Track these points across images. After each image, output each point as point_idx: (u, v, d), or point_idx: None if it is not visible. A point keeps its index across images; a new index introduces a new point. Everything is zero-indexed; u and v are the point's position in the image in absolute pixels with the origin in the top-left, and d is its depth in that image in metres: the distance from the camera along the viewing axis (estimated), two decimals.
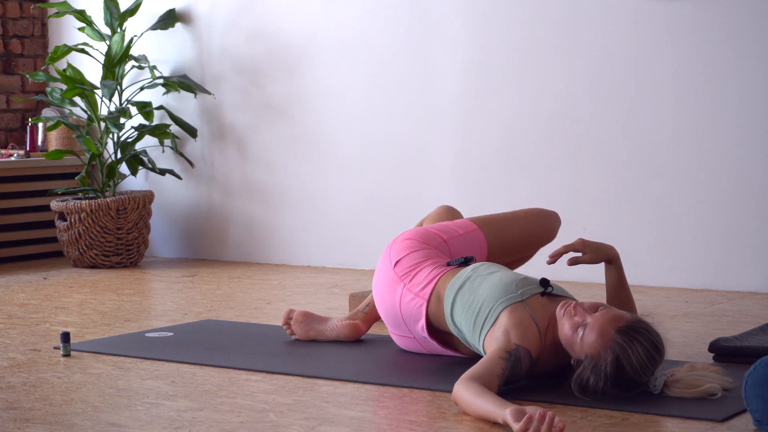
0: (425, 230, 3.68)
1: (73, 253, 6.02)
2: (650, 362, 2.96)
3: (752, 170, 4.89)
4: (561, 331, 3.10)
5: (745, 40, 4.87)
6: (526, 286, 3.24)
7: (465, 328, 3.31)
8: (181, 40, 6.34)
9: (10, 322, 4.41)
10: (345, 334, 3.85)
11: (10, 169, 6.26)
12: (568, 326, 3.07)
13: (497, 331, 3.13)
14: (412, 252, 3.57)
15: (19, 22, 6.73)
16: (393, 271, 3.55)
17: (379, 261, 3.68)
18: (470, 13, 5.48)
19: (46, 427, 2.85)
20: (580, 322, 3.05)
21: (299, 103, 6.01)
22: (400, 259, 3.56)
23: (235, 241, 6.29)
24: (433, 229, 3.68)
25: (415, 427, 2.80)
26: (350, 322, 3.86)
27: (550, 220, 3.81)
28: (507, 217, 3.78)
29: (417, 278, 3.50)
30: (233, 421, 2.88)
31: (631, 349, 2.94)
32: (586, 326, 3.02)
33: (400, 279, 3.53)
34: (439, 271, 3.49)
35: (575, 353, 3.06)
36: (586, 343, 3.01)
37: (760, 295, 4.81)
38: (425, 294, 3.45)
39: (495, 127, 5.46)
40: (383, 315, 3.62)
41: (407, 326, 3.54)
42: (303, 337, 3.88)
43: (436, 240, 3.64)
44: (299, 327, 3.88)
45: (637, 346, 2.95)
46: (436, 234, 3.66)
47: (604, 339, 2.97)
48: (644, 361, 2.95)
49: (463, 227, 3.71)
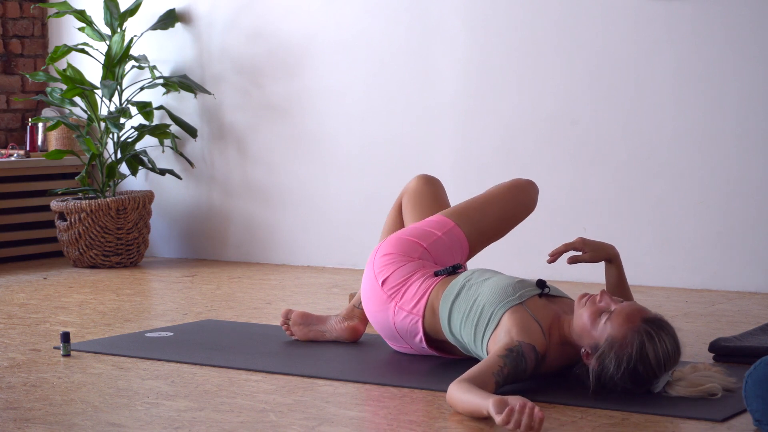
0: (403, 240, 3.59)
1: (73, 253, 6.02)
2: (672, 357, 2.96)
3: (752, 170, 4.89)
4: (577, 320, 3.06)
5: (745, 40, 4.87)
6: (523, 289, 3.23)
7: (466, 338, 3.29)
8: (181, 40, 6.34)
9: (10, 322, 4.41)
10: (344, 336, 3.84)
11: (10, 169, 6.26)
12: (588, 314, 3.04)
13: (500, 334, 3.12)
14: (398, 268, 3.51)
15: (19, 22, 6.73)
16: (381, 290, 3.51)
17: (364, 275, 3.63)
18: (470, 13, 5.48)
19: (46, 427, 2.85)
20: (605, 308, 3.03)
21: (299, 103, 6.02)
22: (387, 277, 3.51)
23: (235, 241, 6.29)
24: (412, 237, 3.59)
25: (415, 427, 2.80)
26: (349, 324, 3.84)
27: (527, 191, 3.73)
28: (481, 201, 3.69)
29: (407, 295, 3.47)
30: (233, 421, 2.88)
31: (659, 338, 2.95)
32: (611, 312, 3.01)
33: (390, 298, 3.50)
34: (429, 283, 3.45)
35: (591, 339, 3.02)
36: (612, 327, 2.98)
37: (760, 295, 4.81)
38: (419, 310, 3.43)
39: (495, 127, 5.46)
40: (378, 329, 3.60)
41: (404, 340, 3.53)
42: (303, 339, 3.88)
43: (417, 250, 3.57)
44: (298, 329, 3.88)
45: (664, 338, 2.95)
46: (416, 243, 3.58)
47: (632, 325, 2.96)
48: (668, 353, 2.95)
49: (440, 227, 3.63)
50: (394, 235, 3.65)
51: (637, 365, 2.94)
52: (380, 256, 3.57)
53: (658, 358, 2.94)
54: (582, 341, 3.05)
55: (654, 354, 2.93)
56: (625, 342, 2.94)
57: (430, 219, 3.67)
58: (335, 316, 3.89)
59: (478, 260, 4.54)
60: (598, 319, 3.02)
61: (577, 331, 3.07)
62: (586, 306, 3.07)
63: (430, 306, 3.41)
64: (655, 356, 2.94)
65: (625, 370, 2.94)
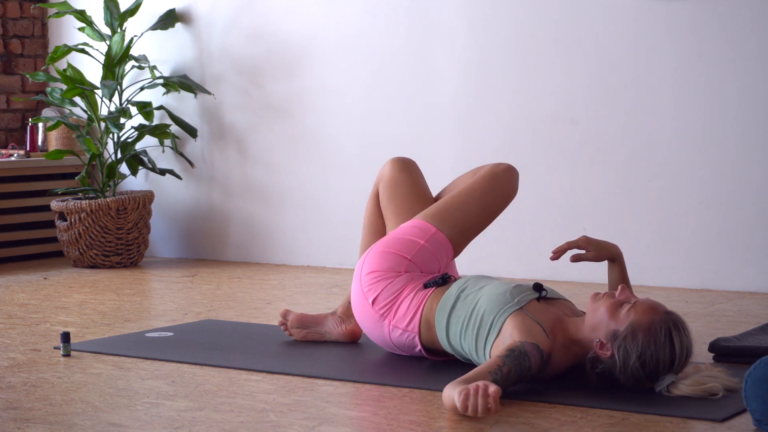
0: (387, 254, 3.51)
1: (73, 253, 6.02)
2: (690, 351, 3.00)
3: (752, 170, 4.89)
4: (592, 314, 3.06)
5: (745, 40, 4.87)
6: (521, 294, 3.21)
7: (467, 347, 3.27)
8: (181, 40, 6.34)
9: (10, 322, 4.41)
10: (343, 339, 3.83)
11: (10, 169, 6.26)
12: (607, 306, 3.04)
13: (502, 340, 3.12)
14: (386, 286, 3.47)
15: (19, 22, 6.73)
16: (372, 309, 3.49)
17: (352, 288, 3.58)
18: (470, 13, 5.48)
19: (46, 427, 2.85)
20: (625, 299, 3.05)
21: (299, 103, 6.02)
22: (376, 296, 3.48)
23: (235, 241, 6.29)
24: (394, 250, 3.51)
25: (415, 427, 2.80)
26: (347, 328, 3.81)
27: (506, 180, 3.63)
28: (461, 198, 3.58)
29: (400, 312, 3.44)
30: (233, 421, 2.88)
31: (684, 329, 2.99)
32: (633, 303, 3.02)
33: (382, 317, 3.47)
34: (420, 297, 3.42)
35: (609, 328, 3.01)
36: (636, 314, 2.99)
37: (760, 295, 4.81)
38: (414, 327, 3.42)
39: (495, 127, 5.46)
40: (375, 342, 3.59)
41: (403, 352, 3.54)
42: (301, 340, 3.87)
43: (402, 263, 3.50)
44: (296, 332, 3.87)
45: (687, 330, 3.00)
46: (400, 256, 3.50)
47: (658, 313, 2.99)
48: (689, 346, 2.99)
49: (422, 234, 3.54)
50: (377, 249, 3.56)
51: (659, 352, 2.95)
52: (366, 273, 3.52)
53: (682, 347, 2.97)
54: (597, 333, 3.04)
55: (680, 343, 2.97)
56: (653, 327, 2.96)
57: (412, 225, 3.57)
58: (332, 315, 3.85)
59: (478, 262, 4.57)
60: (619, 309, 3.03)
61: (592, 323, 3.06)
62: (602, 300, 3.07)
63: (425, 320, 3.39)
64: (680, 345, 2.97)
65: (645, 357, 2.95)
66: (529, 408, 2.95)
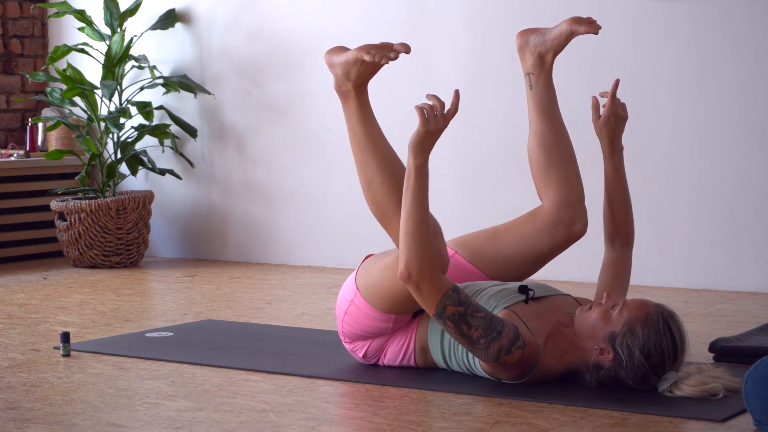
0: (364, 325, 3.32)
1: (73, 253, 6.02)
2: (686, 339, 3.00)
3: (752, 170, 4.89)
4: (584, 324, 3.05)
5: (745, 40, 4.87)
6: (504, 297, 3.17)
7: (461, 356, 3.22)
8: (181, 40, 6.35)
9: (10, 322, 4.41)
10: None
11: (10, 169, 6.26)
12: (597, 313, 3.05)
13: None
14: (369, 345, 3.35)
15: (19, 22, 6.73)
16: (364, 360, 3.40)
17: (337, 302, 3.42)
18: (470, 13, 5.48)
19: (46, 427, 2.85)
20: (613, 304, 3.05)
21: (300, 102, 6.02)
22: (364, 353, 3.38)
23: (235, 241, 6.29)
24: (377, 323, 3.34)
25: (415, 427, 2.80)
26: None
27: (564, 218, 3.62)
28: (499, 230, 3.48)
29: (390, 354, 3.35)
30: (233, 421, 2.88)
31: (677, 318, 3.01)
32: (621, 304, 3.03)
33: (376, 361, 3.40)
34: (409, 330, 3.32)
35: (605, 332, 3.00)
36: (629, 311, 2.99)
37: (760, 295, 4.81)
38: (409, 358, 3.34)
39: (495, 127, 5.46)
40: None
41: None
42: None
43: (384, 328, 3.33)
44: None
45: (680, 319, 3.02)
46: (381, 326, 3.33)
47: (649, 307, 3.00)
48: (686, 335, 3.00)
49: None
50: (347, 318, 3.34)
51: (662, 341, 2.95)
52: (344, 338, 3.38)
53: (681, 335, 2.98)
54: (594, 341, 3.04)
55: (678, 331, 2.98)
56: (649, 319, 2.97)
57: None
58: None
59: None
60: (610, 312, 3.03)
61: (586, 333, 3.05)
62: (591, 310, 3.07)
63: (419, 349, 3.32)
64: (679, 333, 2.98)
65: (649, 348, 2.95)
66: (529, 408, 2.95)
